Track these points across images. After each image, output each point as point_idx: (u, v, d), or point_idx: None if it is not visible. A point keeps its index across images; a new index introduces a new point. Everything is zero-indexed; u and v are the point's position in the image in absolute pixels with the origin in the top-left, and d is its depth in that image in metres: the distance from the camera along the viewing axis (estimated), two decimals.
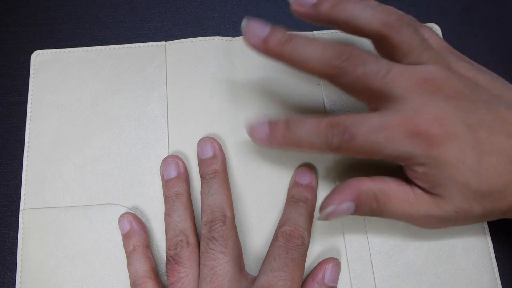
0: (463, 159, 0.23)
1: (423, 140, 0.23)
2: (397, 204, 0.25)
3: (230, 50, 0.33)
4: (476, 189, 0.23)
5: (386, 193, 0.25)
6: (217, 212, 0.26)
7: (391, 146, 0.23)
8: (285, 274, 0.24)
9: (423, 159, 0.23)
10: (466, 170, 0.23)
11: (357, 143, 0.23)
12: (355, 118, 0.24)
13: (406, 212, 0.25)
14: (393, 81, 0.23)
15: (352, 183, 0.25)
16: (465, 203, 0.23)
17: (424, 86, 0.23)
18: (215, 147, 0.29)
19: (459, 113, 0.23)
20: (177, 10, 0.35)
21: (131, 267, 0.27)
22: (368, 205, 0.25)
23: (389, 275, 0.28)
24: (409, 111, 0.23)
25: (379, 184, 0.25)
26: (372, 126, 0.23)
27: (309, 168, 0.30)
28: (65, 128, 0.31)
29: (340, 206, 0.24)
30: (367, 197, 0.25)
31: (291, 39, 0.25)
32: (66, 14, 0.35)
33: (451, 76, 0.24)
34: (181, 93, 0.32)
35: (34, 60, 0.33)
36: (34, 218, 0.29)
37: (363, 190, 0.25)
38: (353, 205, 0.25)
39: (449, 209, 0.24)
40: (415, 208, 0.24)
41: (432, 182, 0.24)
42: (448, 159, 0.23)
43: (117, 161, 0.30)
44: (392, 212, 0.25)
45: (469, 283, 0.28)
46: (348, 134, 0.23)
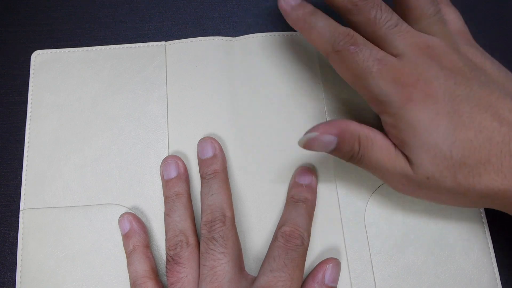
0: (437, 123, 0.23)
1: (403, 91, 0.24)
2: (378, 153, 0.25)
3: (230, 50, 0.33)
4: (447, 156, 0.23)
5: (370, 139, 0.25)
6: (217, 212, 0.26)
7: (377, 81, 0.24)
8: (284, 275, 0.24)
9: (395, 109, 0.24)
10: (437, 134, 0.23)
11: (355, 59, 0.25)
12: (368, 42, 0.26)
13: (384, 165, 0.25)
14: (398, 35, 0.25)
15: (339, 121, 0.26)
16: (436, 170, 0.23)
17: (425, 50, 0.25)
18: (215, 147, 0.29)
19: (448, 82, 0.24)
20: (177, 10, 0.35)
21: (131, 267, 0.27)
22: (351, 145, 0.25)
23: (389, 275, 0.28)
24: (404, 63, 0.24)
25: (365, 129, 0.25)
26: (375, 55, 0.25)
27: (309, 168, 0.30)
28: (65, 128, 0.31)
29: (323, 136, 0.25)
30: (351, 137, 0.25)
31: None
32: (66, 14, 0.35)
33: (453, 52, 0.25)
34: (181, 93, 0.32)
35: (34, 60, 0.33)
36: (34, 218, 0.29)
37: (348, 129, 0.25)
38: (335, 140, 0.25)
39: (421, 173, 0.24)
40: (392, 162, 0.25)
41: (401, 140, 0.24)
42: (421, 118, 0.23)
43: (117, 161, 0.30)
44: (371, 160, 0.25)
45: (469, 283, 0.28)
46: (354, 46, 0.25)
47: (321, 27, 0.26)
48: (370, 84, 0.25)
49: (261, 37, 0.33)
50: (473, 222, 0.29)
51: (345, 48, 0.25)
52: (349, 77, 0.26)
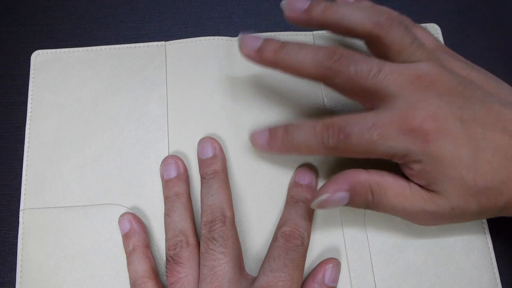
0: (459, 155, 0.23)
1: (417, 136, 0.23)
2: (392, 197, 0.24)
3: (230, 50, 0.33)
4: (472, 185, 0.23)
5: (382, 186, 0.25)
6: (217, 213, 0.26)
7: (386, 144, 0.23)
8: (284, 275, 0.24)
9: (419, 156, 0.23)
10: (461, 166, 0.23)
11: (352, 142, 0.24)
12: (349, 118, 0.24)
13: (401, 206, 0.24)
14: (386, 79, 0.24)
15: (348, 173, 0.25)
16: (461, 200, 0.23)
17: (417, 83, 0.24)
18: (215, 147, 0.29)
19: (452, 109, 0.23)
20: (177, 10, 0.35)
21: (131, 267, 0.27)
22: (363, 196, 0.25)
23: (389, 275, 0.28)
24: (402, 108, 0.23)
25: (375, 177, 0.25)
26: (366, 124, 0.24)
27: (309, 168, 0.30)
28: (65, 128, 0.31)
29: (335, 195, 0.25)
30: (363, 189, 0.25)
31: (283, 47, 0.26)
32: (66, 14, 0.35)
33: (444, 72, 0.24)
34: (181, 93, 0.32)
35: (34, 60, 0.33)
36: (34, 218, 0.29)
37: (358, 181, 0.25)
38: (347, 195, 0.25)
39: (445, 206, 0.24)
40: (410, 202, 0.24)
41: (429, 179, 0.24)
42: (444, 154, 0.23)
43: (117, 161, 0.30)
44: (388, 205, 0.25)
45: (469, 283, 0.28)
46: (343, 134, 0.24)
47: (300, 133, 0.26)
48: (383, 151, 0.24)
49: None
50: (473, 222, 0.29)
51: (337, 141, 0.24)
52: (362, 156, 0.25)
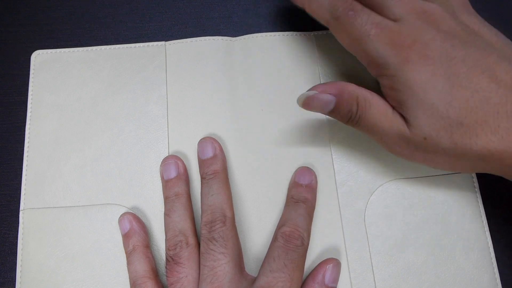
0: (433, 83, 0.23)
1: (400, 52, 0.24)
2: (375, 114, 0.25)
3: (230, 50, 0.33)
4: (444, 115, 0.23)
5: (368, 100, 0.26)
6: (217, 213, 0.26)
7: (374, 44, 0.25)
8: (284, 275, 0.24)
9: (393, 71, 0.24)
10: (434, 93, 0.23)
11: (353, 24, 0.26)
12: (366, 8, 0.26)
13: (381, 126, 0.25)
14: (396, 0, 0.25)
15: (338, 82, 0.26)
16: (433, 130, 0.24)
17: (422, 16, 0.25)
18: (216, 147, 0.29)
19: (444, 44, 0.24)
20: (177, 10, 0.35)
21: (131, 267, 0.27)
22: (349, 105, 0.26)
23: (389, 275, 0.28)
24: (402, 27, 0.25)
25: (364, 91, 0.26)
26: (373, 20, 0.25)
27: (309, 168, 0.30)
28: (65, 128, 0.31)
29: (322, 95, 0.26)
30: (349, 97, 0.26)
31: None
32: (66, 14, 0.35)
33: (451, 17, 0.25)
34: (181, 93, 0.32)
35: (34, 60, 0.33)
36: (34, 218, 0.29)
37: (347, 90, 0.26)
38: (334, 99, 0.26)
39: (417, 134, 0.24)
40: (389, 123, 0.25)
41: (399, 101, 0.24)
42: (417, 78, 0.24)
43: (117, 161, 0.30)
44: (369, 121, 0.25)
45: (469, 283, 0.28)
46: (352, 13, 0.26)
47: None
48: (368, 47, 0.25)
49: (261, 37, 0.33)
50: (473, 222, 0.29)
51: (344, 14, 0.26)
52: (348, 42, 0.26)
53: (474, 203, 0.29)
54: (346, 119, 0.26)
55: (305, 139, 0.31)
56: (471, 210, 0.29)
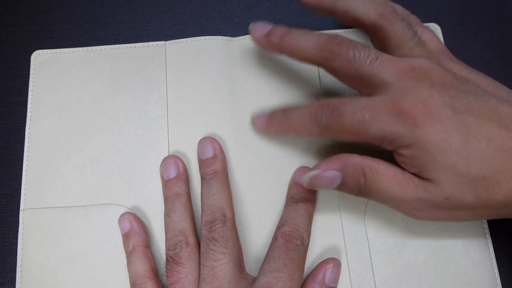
0: (449, 141, 0.23)
1: (406, 120, 0.23)
2: (385, 181, 0.24)
3: (230, 50, 0.33)
4: (465, 173, 0.23)
5: (374, 169, 0.25)
6: (217, 213, 0.26)
7: (376, 126, 0.24)
8: (284, 275, 0.24)
9: (408, 140, 0.23)
10: (452, 152, 0.23)
11: (345, 121, 0.25)
12: (344, 99, 0.25)
13: (394, 192, 0.24)
14: (381, 67, 0.25)
15: (342, 155, 0.26)
16: (455, 189, 0.23)
17: (411, 74, 0.24)
18: (216, 147, 0.29)
19: (444, 97, 0.23)
20: (177, 10, 0.35)
21: (131, 267, 0.27)
22: (356, 179, 0.25)
23: (389, 275, 0.28)
24: (394, 94, 0.24)
25: (369, 160, 0.25)
26: (359, 105, 0.24)
27: (309, 168, 0.30)
28: (65, 128, 0.31)
29: (326, 173, 0.25)
30: (355, 170, 0.25)
31: (289, 32, 0.28)
32: (66, 14, 0.35)
33: (439, 68, 0.25)
34: (181, 93, 0.32)
35: (34, 60, 0.33)
36: (34, 218, 0.29)
37: (352, 162, 0.25)
38: (339, 174, 0.25)
39: (439, 194, 0.23)
40: (403, 188, 0.24)
41: (419, 166, 0.24)
42: (432, 140, 0.23)
43: (117, 161, 0.30)
44: (380, 190, 0.24)
45: (469, 283, 0.28)
46: (336, 113, 0.25)
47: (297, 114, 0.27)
48: (372, 132, 0.24)
49: None
50: (473, 222, 0.29)
51: (329, 119, 0.25)
52: (352, 137, 0.25)
53: None
54: (355, 191, 0.25)
55: (305, 139, 0.31)
56: None
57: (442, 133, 0.23)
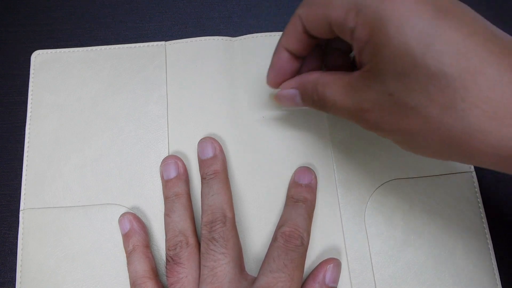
0: (414, 21, 0.18)
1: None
2: (334, 93, 0.23)
3: (230, 50, 0.33)
4: (419, 64, 0.18)
5: (326, 83, 0.24)
6: (218, 213, 0.26)
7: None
8: (284, 275, 0.24)
9: (371, 14, 0.19)
10: (411, 34, 0.18)
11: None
12: None
13: (343, 102, 0.22)
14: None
15: (301, 75, 0.26)
16: (400, 83, 0.19)
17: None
18: (216, 148, 0.29)
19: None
20: (177, 10, 0.35)
21: (131, 267, 0.27)
22: (311, 95, 0.25)
23: (389, 275, 0.28)
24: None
25: (323, 75, 0.24)
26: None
27: (308, 168, 0.30)
28: (65, 128, 0.31)
29: (284, 91, 0.27)
30: (310, 87, 0.25)
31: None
32: (66, 14, 0.35)
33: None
34: (181, 93, 0.32)
35: (34, 60, 0.33)
36: (34, 218, 0.29)
37: (307, 79, 0.25)
38: (297, 92, 0.26)
39: (381, 90, 0.20)
40: (350, 94, 0.22)
41: (366, 51, 0.20)
42: (394, 14, 0.19)
43: (117, 161, 0.30)
44: (333, 103, 0.23)
45: (469, 283, 0.28)
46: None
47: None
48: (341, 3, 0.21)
49: (261, 37, 0.33)
50: (473, 222, 0.29)
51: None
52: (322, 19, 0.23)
53: (474, 203, 0.29)
54: (316, 106, 0.25)
55: (305, 139, 0.31)
56: (471, 210, 0.29)
57: (411, 10, 0.18)
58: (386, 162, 0.30)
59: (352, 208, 0.29)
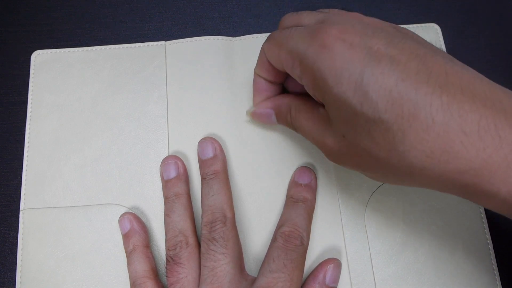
0: (348, 71, 0.20)
1: (317, 39, 0.21)
2: (304, 120, 0.25)
3: (230, 50, 0.33)
4: (358, 110, 0.19)
5: (298, 109, 0.26)
6: (218, 213, 0.26)
7: (295, 40, 0.23)
8: (284, 275, 0.24)
9: (312, 61, 0.21)
10: (348, 85, 0.20)
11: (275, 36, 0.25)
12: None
13: (309, 130, 0.25)
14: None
15: (278, 96, 0.28)
16: (349, 127, 0.20)
17: (344, 13, 0.23)
18: (216, 148, 0.29)
19: (367, 30, 0.21)
20: (177, 10, 0.35)
21: (131, 267, 0.27)
22: (285, 116, 0.27)
23: (389, 275, 0.28)
24: (323, 21, 0.23)
25: (296, 100, 0.26)
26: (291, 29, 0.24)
27: (308, 168, 0.30)
28: (65, 128, 0.31)
29: (260, 110, 0.28)
30: (284, 109, 0.27)
31: None
32: (66, 14, 0.35)
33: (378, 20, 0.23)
34: (181, 93, 0.32)
35: (34, 60, 0.33)
36: (34, 218, 0.29)
37: (282, 102, 0.27)
38: (272, 112, 0.28)
39: (336, 131, 0.22)
40: (316, 126, 0.24)
41: (319, 94, 0.22)
42: (332, 67, 0.20)
43: (117, 161, 0.30)
44: (302, 128, 0.26)
45: (469, 283, 0.28)
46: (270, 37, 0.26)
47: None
48: (291, 47, 0.23)
49: (261, 37, 0.33)
50: (473, 222, 0.29)
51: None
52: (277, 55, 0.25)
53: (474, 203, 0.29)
54: (289, 126, 0.27)
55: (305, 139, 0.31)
56: (471, 210, 0.29)
57: (346, 61, 0.20)
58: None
59: (352, 208, 0.29)
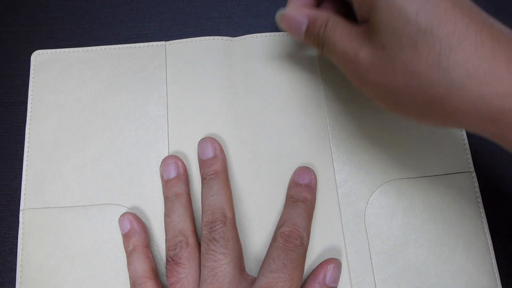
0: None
1: None
2: (338, 34, 0.24)
3: (230, 50, 0.33)
4: (411, 19, 0.19)
5: (335, 22, 0.25)
6: (218, 213, 0.26)
7: None
8: (284, 276, 0.24)
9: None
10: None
11: None
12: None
13: (344, 44, 0.24)
14: None
15: (315, 10, 0.26)
16: (394, 37, 0.20)
17: None
18: (216, 148, 0.29)
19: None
20: (177, 10, 0.35)
21: (131, 267, 0.27)
22: (318, 27, 0.25)
23: (389, 275, 0.28)
24: None
25: (334, 15, 0.25)
26: None
27: (308, 168, 0.30)
28: (65, 128, 0.31)
29: (294, 14, 0.26)
30: (321, 20, 0.25)
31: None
32: (66, 14, 0.35)
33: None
34: (181, 93, 0.32)
35: (34, 60, 0.33)
36: (34, 218, 0.29)
37: (319, 13, 0.26)
38: (305, 20, 0.26)
39: (377, 41, 0.21)
40: (352, 41, 0.23)
41: (366, 8, 0.22)
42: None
43: (117, 161, 0.30)
44: (331, 40, 0.25)
45: (469, 283, 0.28)
46: None
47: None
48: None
49: (261, 37, 0.33)
50: (473, 222, 0.29)
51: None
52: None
53: (474, 203, 0.29)
54: (316, 41, 0.26)
55: (305, 139, 0.31)
56: (471, 210, 0.29)
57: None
58: (386, 162, 0.30)
59: (352, 208, 0.29)
